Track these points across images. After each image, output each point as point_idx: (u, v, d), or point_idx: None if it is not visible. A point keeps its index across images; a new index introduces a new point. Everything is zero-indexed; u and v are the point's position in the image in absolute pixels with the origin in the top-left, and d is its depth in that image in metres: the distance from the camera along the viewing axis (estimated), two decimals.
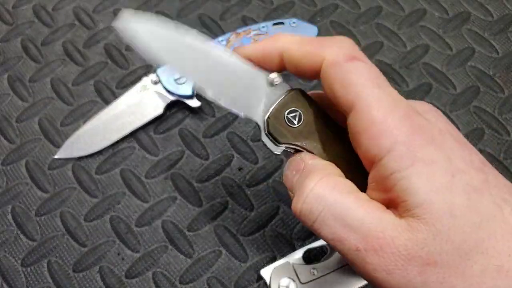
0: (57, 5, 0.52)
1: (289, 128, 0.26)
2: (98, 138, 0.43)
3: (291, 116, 0.26)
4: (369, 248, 0.22)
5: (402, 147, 0.22)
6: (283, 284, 0.35)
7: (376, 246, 0.22)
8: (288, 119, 0.26)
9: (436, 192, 0.21)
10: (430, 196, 0.21)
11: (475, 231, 0.21)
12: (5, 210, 0.42)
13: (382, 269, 0.22)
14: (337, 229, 0.22)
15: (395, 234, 0.22)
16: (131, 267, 0.39)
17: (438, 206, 0.21)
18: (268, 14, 0.50)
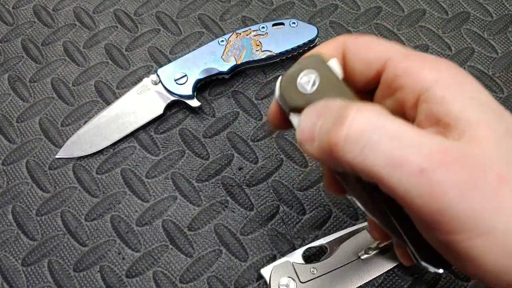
0: (58, 5, 0.52)
1: (300, 94, 0.24)
2: (98, 138, 0.44)
3: (304, 81, 0.24)
4: (437, 166, 0.19)
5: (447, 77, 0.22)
6: (283, 283, 0.35)
7: (446, 162, 0.19)
8: (301, 84, 0.24)
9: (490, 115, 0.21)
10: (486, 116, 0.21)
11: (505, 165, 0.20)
12: (6, 209, 0.42)
13: (454, 191, 0.19)
14: (394, 151, 0.19)
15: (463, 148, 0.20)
16: (131, 266, 0.39)
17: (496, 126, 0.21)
18: (268, 15, 0.50)
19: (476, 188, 0.19)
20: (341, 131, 0.20)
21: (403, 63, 0.23)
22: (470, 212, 0.19)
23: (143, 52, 0.49)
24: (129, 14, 0.51)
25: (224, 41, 0.45)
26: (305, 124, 0.23)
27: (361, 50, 0.25)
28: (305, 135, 0.23)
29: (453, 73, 0.23)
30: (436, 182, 0.19)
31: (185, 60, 0.45)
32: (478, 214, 0.19)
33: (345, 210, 0.41)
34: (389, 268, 0.37)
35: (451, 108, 0.21)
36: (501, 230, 0.19)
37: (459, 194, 0.19)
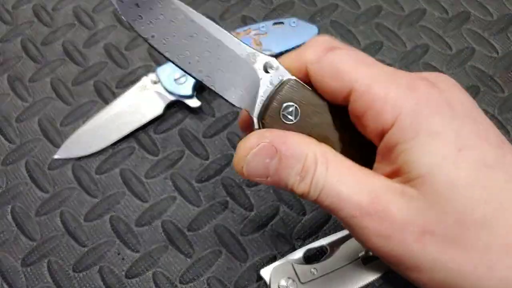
0: (57, 5, 0.52)
1: (285, 126, 0.25)
2: (98, 138, 0.43)
3: (287, 112, 0.25)
4: (365, 213, 0.22)
5: (406, 118, 0.21)
6: (283, 284, 0.35)
7: (372, 211, 0.22)
8: (284, 115, 0.25)
9: (438, 165, 0.21)
10: (431, 168, 0.21)
11: (480, 206, 0.20)
12: (5, 210, 0.42)
13: (378, 234, 0.22)
14: (336, 200, 0.22)
15: (392, 199, 0.21)
16: (131, 267, 0.39)
17: (438, 178, 0.21)
18: (268, 14, 0.50)
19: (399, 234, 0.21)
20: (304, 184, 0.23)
21: (364, 99, 0.23)
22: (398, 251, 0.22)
23: (143, 51, 0.48)
24: None
25: None
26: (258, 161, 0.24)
27: (325, 78, 0.24)
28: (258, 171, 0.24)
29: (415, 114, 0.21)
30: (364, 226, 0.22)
31: None
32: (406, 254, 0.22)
33: None
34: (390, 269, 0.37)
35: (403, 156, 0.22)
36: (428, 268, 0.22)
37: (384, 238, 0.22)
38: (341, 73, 0.23)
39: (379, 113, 0.22)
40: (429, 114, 0.21)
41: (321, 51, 0.24)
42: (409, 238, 0.21)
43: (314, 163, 0.23)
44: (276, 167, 0.23)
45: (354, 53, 0.24)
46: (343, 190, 0.22)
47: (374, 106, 0.22)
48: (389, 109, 0.22)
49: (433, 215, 0.21)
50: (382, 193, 0.22)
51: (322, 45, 0.24)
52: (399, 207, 0.21)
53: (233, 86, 0.25)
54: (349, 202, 0.22)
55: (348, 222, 0.23)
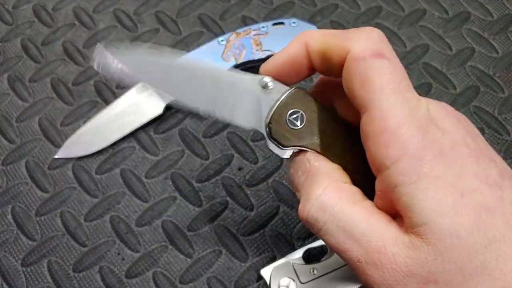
0: (57, 5, 0.52)
1: (292, 131, 0.25)
2: (98, 138, 0.43)
3: (293, 118, 0.25)
4: (370, 262, 0.22)
5: (409, 160, 0.21)
6: (283, 283, 0.35)
7: (377, 260, 0.22)
8: (290, 121, 0.25)
9: (440, 213, 0.21)
10: (434, 216, 0.21)
11: (481, 252, 0.20)
12: (5, 210, 0.42)
13: (381, 283, 0.22)
14: (340, 240, 0.23)
15: (396, 250, 0.21)
16: (131, 267, 0.39)
17: (442, 227, 0.20)
18: (268, 14, 0.50)
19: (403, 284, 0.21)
20: (305, 210, 0.24)
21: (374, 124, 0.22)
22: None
23: None
24: (129, 14, 0.51)
25: (224, 40, 0.45)
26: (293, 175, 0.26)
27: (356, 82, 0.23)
28: (294, 185, 0.26)
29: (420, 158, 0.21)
30: (368, 274, 0.22)
31: None
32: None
33: None
34: None
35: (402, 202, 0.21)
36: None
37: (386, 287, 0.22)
38: (369, 85, 0.22)
39: (385, 145, 0.21)
40: (432, 159, 0.21)
41: (368, 51, 0.22)
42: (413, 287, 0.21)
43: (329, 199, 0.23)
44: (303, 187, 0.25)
45: (394, 70, 0.22)
46: (356, 232, 0.22)
47: (382, 136, 0.22)
48: (396, 146, 0.21)
49: (439, 264, 0.20)
50: (391, 245, 0.22)
51: (372, 45, 0.23)
52: (405, 260, 0.21)
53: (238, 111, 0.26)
54: (358, 245, 0.22)
55: (353, 265, 0.23)
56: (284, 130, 0.25)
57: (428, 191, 0.21)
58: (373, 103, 0.22)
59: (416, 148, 0.21)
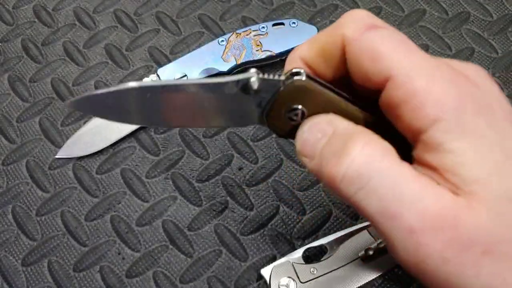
0: (58, 5, 0.52)
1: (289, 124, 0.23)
2: (98, 138, 0.44)
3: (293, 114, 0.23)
4: (427, 229, 0.18)
5: (450, 116, 0.19)
6: (283, 283, 0.35)
7: (437, 226, 0.18)
8: (290, 117, 0.23)
9: (490, 170, 0.18)
10: (486, 172, 0.18)
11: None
12: (6, 210, 0.42)
13: (437, 256, 0.18)
14: (389, 202, 0.19)
15: (457, 213, 0.18)
16: (131, 266, 0.39)
17: (495, 187, 0.18)
18: (268, 15, 0.50)
19: (460, 257, 0.19)
20: (341, 166, 0.20)
21: (404, 88, 0.20)
22: (449, 276, 0.19)
23: (143, 52, 0.49)
24: (129, 14, 0.51)
25: (224, 41, 0.45)
26: (307, 139, 0.22)
27: (363, 59, 0.21)
28: (305, 150, 0.22)
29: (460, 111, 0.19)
30: (423, 243, 0.19)
31: (185, 60, 0.45)
32: (457, 280, 0.19)
33: (345, 210, 0.40)
34: (389, 268, 0.37)
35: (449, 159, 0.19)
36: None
37: (443, 260, 0.19)
38: (380, 56, 0.20)
39: (419, 107, 0.19)
40: (473, 114, 0.19)
41: (362, 28, 0.21)
42: (469, 261, 0.19)
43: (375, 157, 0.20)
44: (324, 147, 0.21)
45: (396, 35, 0.21)
46: (407, 195, 0.19)
47: (414, 98, 0.20)
48: (432, 104, 0.19)
49: (497, 232, 0.18)
50: (449, 208, 0.18)
51: (363, 21, 0.21)
52: (466, 224, 0.18)
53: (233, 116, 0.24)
54: (410, 210, 0.18)
55: (400, 235, 0.19)
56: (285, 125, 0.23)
57: (477, 149, 0.19)
58: (393, 71, 0.20)
59: (454, 103, 0.19)
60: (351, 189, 0.20)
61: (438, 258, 0.19)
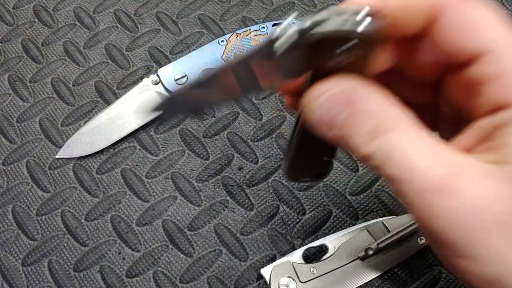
0: (58, 5, 0.52)
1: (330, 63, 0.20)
2: (99, 138, 0.44)
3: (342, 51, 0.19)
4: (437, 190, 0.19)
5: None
6: (283, 283, 0.35)
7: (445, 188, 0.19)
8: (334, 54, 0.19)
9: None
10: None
11: None
12: (6, 209, 0.42)
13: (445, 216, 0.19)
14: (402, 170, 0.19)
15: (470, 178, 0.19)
16: (131, 266, 0.39)
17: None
18: (268, 15, 0.50)
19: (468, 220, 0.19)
20: (372, 145, 0.20)
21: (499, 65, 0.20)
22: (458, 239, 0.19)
23: (143, 52, 0.49)
24: (129, 14, 0.51)
25: (224, 41, 0.46)
26: (328, 107, 0.20)
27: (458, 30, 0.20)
28: (323, 119, 0.21)
29: None
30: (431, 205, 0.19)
31: (185, 60, 0.45)
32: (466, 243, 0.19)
33: (345, 210, 0.41)
34: (389, 268, 0.37)
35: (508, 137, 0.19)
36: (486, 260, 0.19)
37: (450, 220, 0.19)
38: (479, 29, 0.20)
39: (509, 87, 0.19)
40: None
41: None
42: (478, 224, 0.19)
43: (389, 126, 0.20)
44: (345, 119, 0.20)
45: (491, 11, 0.21)
46: (415, 160, 0.19)
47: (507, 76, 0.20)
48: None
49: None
50: (463, 171, 0.19)
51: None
52: (478, 190, 0.19)
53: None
54: (421, 174, 0.19)
55: (412, 197, 0.19)
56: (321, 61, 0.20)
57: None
58: (490, 45, 0.20)
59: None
60: (373, 163, 0.20)
61: (445, 219, 0.19)
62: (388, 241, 0.36)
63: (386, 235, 0.37)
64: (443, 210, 0.19)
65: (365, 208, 0.41)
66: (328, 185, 0.41)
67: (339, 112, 0.20)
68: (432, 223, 0.19)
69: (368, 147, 0.20)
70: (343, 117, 0.20)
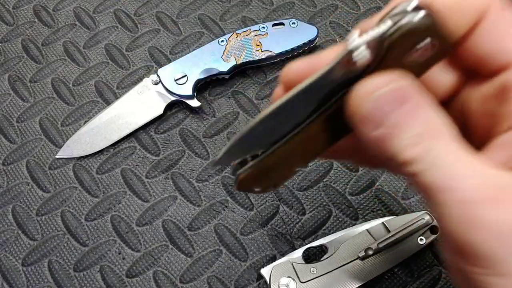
0: (58, 5, 0.52)
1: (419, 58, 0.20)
2: (99, 138, 0.44)
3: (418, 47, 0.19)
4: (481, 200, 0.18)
5: None
6: (283, 283, 0.35)
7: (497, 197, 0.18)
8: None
9: None
10: None
11: None
12: (6, 209, 0.42)
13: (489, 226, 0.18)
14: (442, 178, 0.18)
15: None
16: (131, 266, 0.39)
17: None
18: (268, 15, 0.50)
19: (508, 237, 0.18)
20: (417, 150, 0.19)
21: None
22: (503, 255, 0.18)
23: (143, 52, 0.49)
24: (129, 14, 0.51)
25: (224, 41, 0.46)
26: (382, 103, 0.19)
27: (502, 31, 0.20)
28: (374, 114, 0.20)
29: None
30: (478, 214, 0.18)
31: (185, 60, 0.45)
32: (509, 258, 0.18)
33: (345, 210, 0.41)
34: (389, 268, 0.37)
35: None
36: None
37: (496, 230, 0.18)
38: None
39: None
40: None
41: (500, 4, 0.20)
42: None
43: (437, 132, 0.19)
44: (397, 118, 0.19)
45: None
46: (460, 169, 0.18)
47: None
48: None
49: None
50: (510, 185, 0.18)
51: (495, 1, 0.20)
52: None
53: None
54: (466, 184, 0.18)
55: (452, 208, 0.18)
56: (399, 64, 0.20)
57: None
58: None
59: None
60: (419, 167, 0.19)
61: (491, 228, 0.18)
62: (388, 241, 0.36)
63: (386, 235, 0.37)
64: (489, 222, 0.18)
65: (365, 208, 0.41)
66: (328, 185, 0.41)
67: (392, 110, 0.19)
68: (472, 235, 0.18)
69: (412, 150, 0.19)
70: (395, 115, 0.19)
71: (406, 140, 0.19)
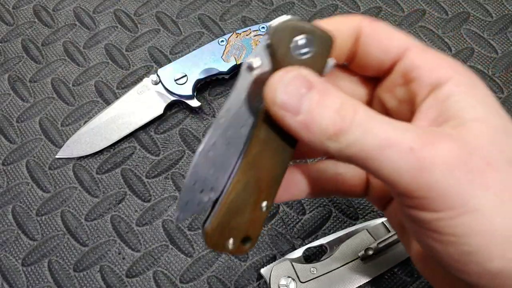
0: (58, 5, 0.52)
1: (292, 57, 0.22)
2: (98, 138, 0.44)
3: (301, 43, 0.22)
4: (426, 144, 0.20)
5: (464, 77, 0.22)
6: (283, 283, 0.35)
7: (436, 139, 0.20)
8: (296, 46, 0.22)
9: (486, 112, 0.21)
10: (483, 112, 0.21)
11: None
12: (6, 210, 0.42)
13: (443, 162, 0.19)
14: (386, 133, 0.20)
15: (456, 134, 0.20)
16: (131, 266, 0.39)
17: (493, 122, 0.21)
18: (268, 15, 0.50)
19: (464, 165, 0.20)
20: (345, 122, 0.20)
21: (422, 56, 0.23)
22: (457, 188, 0.19)
23: (143, 52, 0.49)
24: (129, 14, 0.51)
25: (224, 41, 0.46)
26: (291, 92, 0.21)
27: (381, 36, 0.24)
28: (288, 105, 0.21)
29: (468, 75, 0.23)
30: (424, 157, 0.20)
31: (185, 60, 0.45)
32: (465, 191, 0.19)
33: (345, 210, 0.41)
34: (389, 268, 0.37)
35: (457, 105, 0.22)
36: (488, 209, 0.19)
37: (447, 170, 0.19)
38: (396, 35, 0.24)
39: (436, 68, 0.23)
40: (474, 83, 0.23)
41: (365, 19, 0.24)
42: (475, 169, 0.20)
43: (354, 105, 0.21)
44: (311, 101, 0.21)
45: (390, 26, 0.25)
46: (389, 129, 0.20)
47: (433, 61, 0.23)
48: (448, 66, 0.23)
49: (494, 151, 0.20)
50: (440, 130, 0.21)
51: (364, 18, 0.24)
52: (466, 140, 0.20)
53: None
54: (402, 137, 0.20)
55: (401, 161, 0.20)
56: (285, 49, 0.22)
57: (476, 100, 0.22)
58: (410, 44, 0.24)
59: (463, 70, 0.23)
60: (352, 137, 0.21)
61: (443, 168, 0.19)
62: (388, 241, 0.36)
63: (386, 235, 0.37)
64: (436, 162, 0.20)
65: (365, 208, 0.41)
66: None
67: (303, 94, 0.21)
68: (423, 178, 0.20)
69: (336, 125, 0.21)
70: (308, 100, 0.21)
71: (327, 119, 0.21)
